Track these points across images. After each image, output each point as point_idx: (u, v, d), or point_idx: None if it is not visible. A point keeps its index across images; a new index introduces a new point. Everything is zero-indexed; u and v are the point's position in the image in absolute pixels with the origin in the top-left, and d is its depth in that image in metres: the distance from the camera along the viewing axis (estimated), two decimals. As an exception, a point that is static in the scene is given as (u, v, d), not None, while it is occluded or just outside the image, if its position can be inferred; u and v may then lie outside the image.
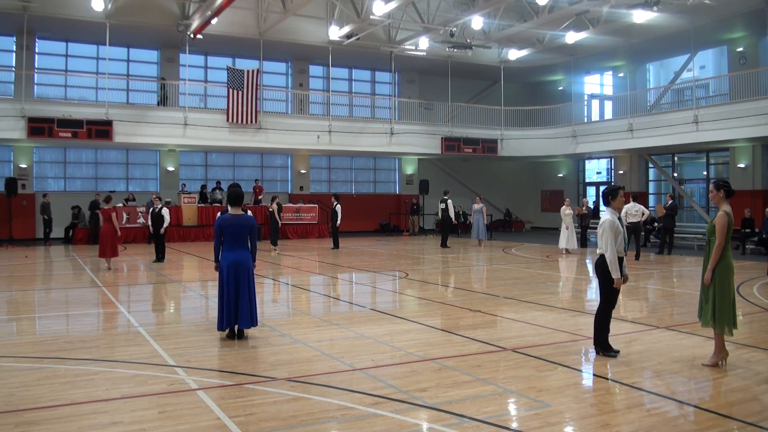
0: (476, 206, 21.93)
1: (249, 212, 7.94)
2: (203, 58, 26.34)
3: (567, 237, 18.85)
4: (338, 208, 19.74)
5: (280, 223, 20.10)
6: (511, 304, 9.80)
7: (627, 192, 22.54)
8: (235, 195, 7.39)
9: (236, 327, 7.25)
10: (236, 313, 7.16)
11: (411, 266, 15.77)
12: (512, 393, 5.30)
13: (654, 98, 26.39)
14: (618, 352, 6.42)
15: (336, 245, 20.13)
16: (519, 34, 23.90)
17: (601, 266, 6.43)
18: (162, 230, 15.83)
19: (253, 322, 7.29)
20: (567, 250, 18.70)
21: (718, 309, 5.96)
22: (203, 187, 25.54)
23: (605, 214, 6.53)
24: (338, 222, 19.83)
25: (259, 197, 25.14)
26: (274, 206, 19.35)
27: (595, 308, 6.64)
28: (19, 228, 22.16)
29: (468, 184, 31.05)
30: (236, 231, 7.24)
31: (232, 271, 7.17)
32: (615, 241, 6.33)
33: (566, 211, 19.18)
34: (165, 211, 15.94)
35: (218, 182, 25.39)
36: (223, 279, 7.21)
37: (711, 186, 6.27)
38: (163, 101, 23.63)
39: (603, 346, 6.44)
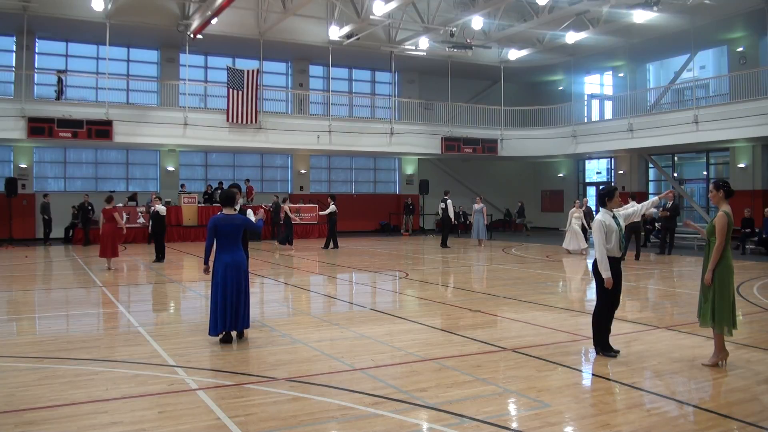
0: (476, 206, 21.91)
1: (250, 211, 7.93)
2: (203, 58, 26.34)
3: (569, 238, 18.67)
4: (333, 207, 19.96)
5: (283, 221, 20.27)
6: (511, 304, 9.80)
7: (625, 193, 22.60)
8: (227, 195, 7.36)
9: (233, 331, 7.25)
10: (234, 316, 7.13)
11: (411, 266, 15.77)
12: (512, 393, 5.30)
13: (654, 98, 26.39)
14: (618, 352, 6.42)
15: (335, 245, 20.16)
16: (519, 34, 23.89)
17: (597, 267, 6.44)
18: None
19: (246, 324, 7.29)
20: (569, 251, 18.60)
21: (717, 309, 5.96)
22: (209, 186, 25.45)
23: (598, 214, 6.53)
24: (325, 212, 20.13)
25: (250, 198, 24.95)
26: (286, 207, 19.52)
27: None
28: (19, 228, 22.15)
29: (468, 184, 31.05)
30: (229, 231, 7.18)
31: (228, 272, 7.10)
32: (606, 240, 6.31)
33: (575, 213, 18.84)
34: (160, 208, 15.99)
35: (220, 182, 25.34)
36: (218, 281, 7.09)
37: (711, 186, 6.24)
38: (59, 94, 22.55)
39: (603, 346, 6.44)
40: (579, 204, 19.74)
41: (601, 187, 12.02)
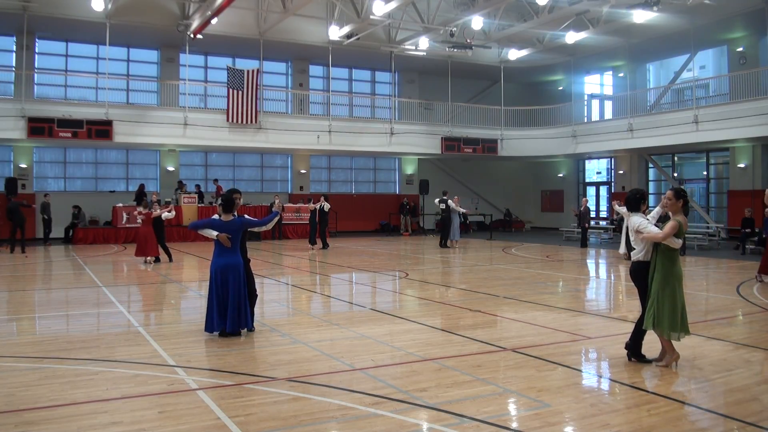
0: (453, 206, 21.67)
1: (246, 216, 7.92)
2: (203, 58, 26.32)
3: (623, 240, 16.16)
4: (326, 207, 20.09)
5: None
6: (511, 304, 9.80)
7: (624, 193, 22.51)
8: (226, 200, 7.40)
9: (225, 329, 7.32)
10: (223, 316, 7.24)
11: (411, 266, 15.77)
12: (512, 393, 5.30)
13: (654, 98, 26.39)
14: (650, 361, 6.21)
15: (319, 244, 20.30)
16: (519, 34, 23.89)
17: (637, 273, 6.22)
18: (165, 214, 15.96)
19: (241, 325, 7.34)
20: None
21: (657, 314, 5.89)
22: (197, 186, 25.38)
23: (636, 216, 6.19)
24: (318, 207, 20.18)
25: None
26: (310, 206, 20.18)
27: (596, 308, 6.63)
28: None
29: (468, 184, 31.05)
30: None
31: (220, 275, 7.25)
32: (639, 243, 6.13)
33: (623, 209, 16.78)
34: (167, 215, 15.98)
35: (180, 182, 24.98)
36: (212, 283, 7.31)
37: (670, 193, 6.03)
38: None
39: (637, 353, 6.23)
40: (620, 203, 18.48)
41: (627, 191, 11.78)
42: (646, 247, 6.11)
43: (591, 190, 30.58)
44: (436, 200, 21.94)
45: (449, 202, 21.31)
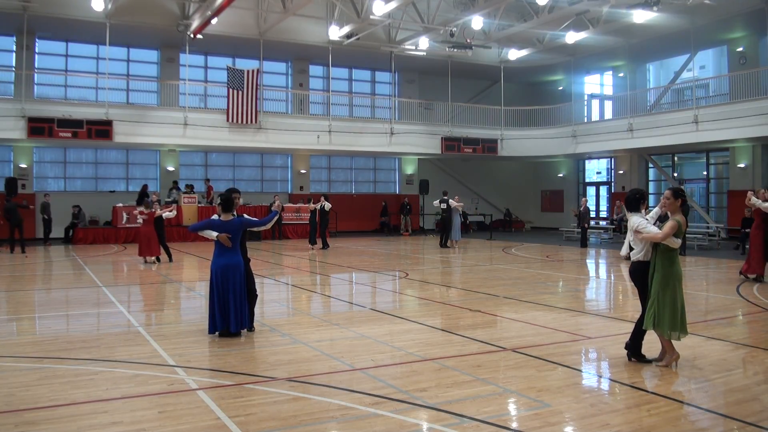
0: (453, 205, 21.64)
1: (246, 215, 7.92)
2: (203, 58, 26.32)
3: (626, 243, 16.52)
4: (327, 207, 20.12)
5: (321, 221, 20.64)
6: (511, 304, 9.79)
7: (623, 193, 22.50)
8: (226, 200, 7.40)
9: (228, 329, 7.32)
10: (227, 316, 7.25)
11: (411, 266, 15.77)
12: (512, 393, 5.30)
13: (654, 98, 26.38)
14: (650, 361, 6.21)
15: (324, 245, 20.34)
16: (519, 34, 23.89)
17: (637, 273, 6.21)
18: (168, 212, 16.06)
19: (243, 324, 7.33)
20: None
21: (658, 314, 5.88)
22: (192, 186, 25.35)
23: (635, 216, 6.19)
24: (318, 207, 20.18)
25: (209, 198, 24.69)
26: (311, 206, 20.36)
27: (596, 308, 6.62)
28: (18, 228, 22.12)
29: (468, 184, 31.05)
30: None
31: (221, 275, 7.26)
32: (637, 244, 6.13)
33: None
34: (168, 214, 16.00)
35: (175, 182, 24.95)
36: (212, 283, 7.32)
37: (668, 192, 6.04)
38: None
39: (637, 353, 6.23)
40: (620, 204, 18.54)
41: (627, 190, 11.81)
42: (646, 247, 6.10)
43: (591, 190, 30.57)
44: (435, 202, 21.91)
45: (450, 201, 21.30)
